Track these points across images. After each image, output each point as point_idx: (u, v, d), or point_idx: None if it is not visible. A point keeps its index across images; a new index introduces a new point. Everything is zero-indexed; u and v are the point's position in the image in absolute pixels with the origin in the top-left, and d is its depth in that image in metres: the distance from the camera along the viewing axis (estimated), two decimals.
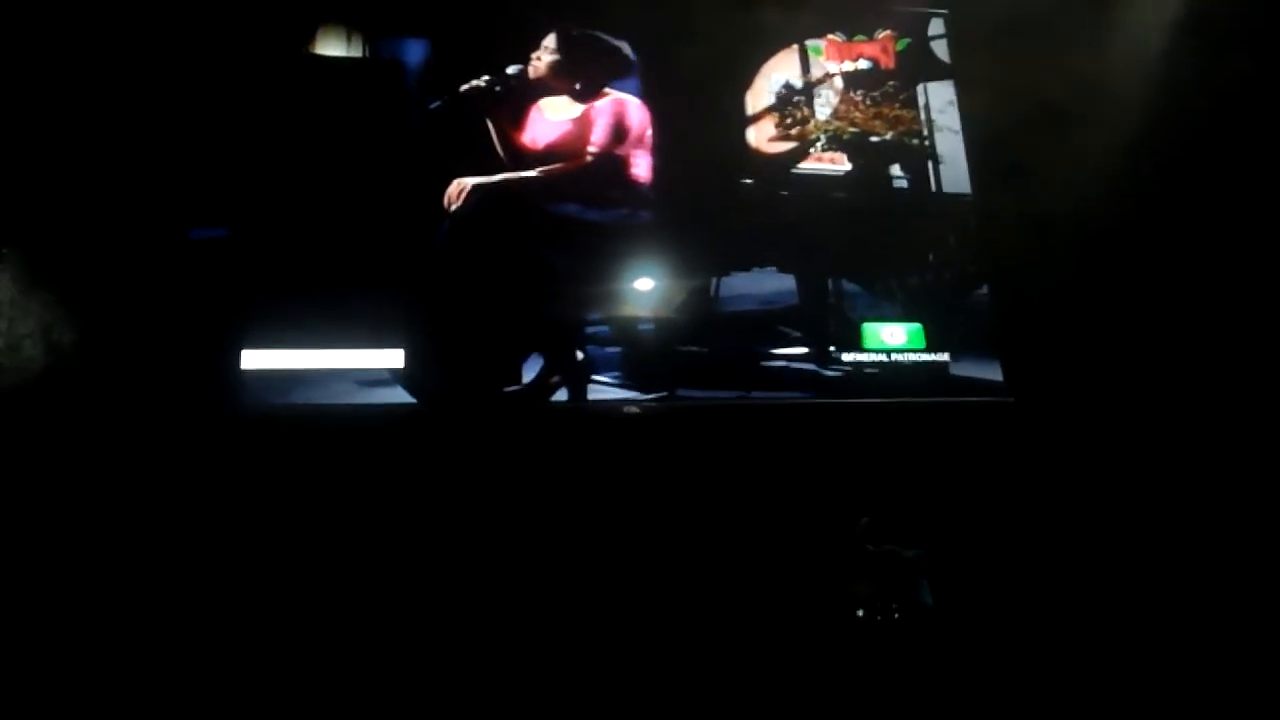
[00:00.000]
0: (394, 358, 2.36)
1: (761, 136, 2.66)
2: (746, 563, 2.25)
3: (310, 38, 2.52)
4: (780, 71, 2.71)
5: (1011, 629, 2.14)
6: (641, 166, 2.60)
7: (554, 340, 2.44)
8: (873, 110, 2.68)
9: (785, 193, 2.64)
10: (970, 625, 2.06)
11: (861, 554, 2.06)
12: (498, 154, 2.52)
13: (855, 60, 2.73)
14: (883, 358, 2.52)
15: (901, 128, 2.69)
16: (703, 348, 2.49)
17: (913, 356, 2.52)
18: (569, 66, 2.61)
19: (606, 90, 2.63)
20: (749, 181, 2.64)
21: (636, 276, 2.50)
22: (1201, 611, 2.21)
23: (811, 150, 2.66)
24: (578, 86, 2.61)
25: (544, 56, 2.60)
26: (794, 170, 2.65)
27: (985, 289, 2.61)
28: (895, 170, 2.68)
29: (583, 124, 2.60)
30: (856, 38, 2.74)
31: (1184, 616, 2.21)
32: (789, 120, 2.67)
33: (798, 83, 2.70)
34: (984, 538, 2.31)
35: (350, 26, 2.54)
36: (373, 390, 2.34)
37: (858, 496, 2.23)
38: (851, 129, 2.67)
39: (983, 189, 2.66)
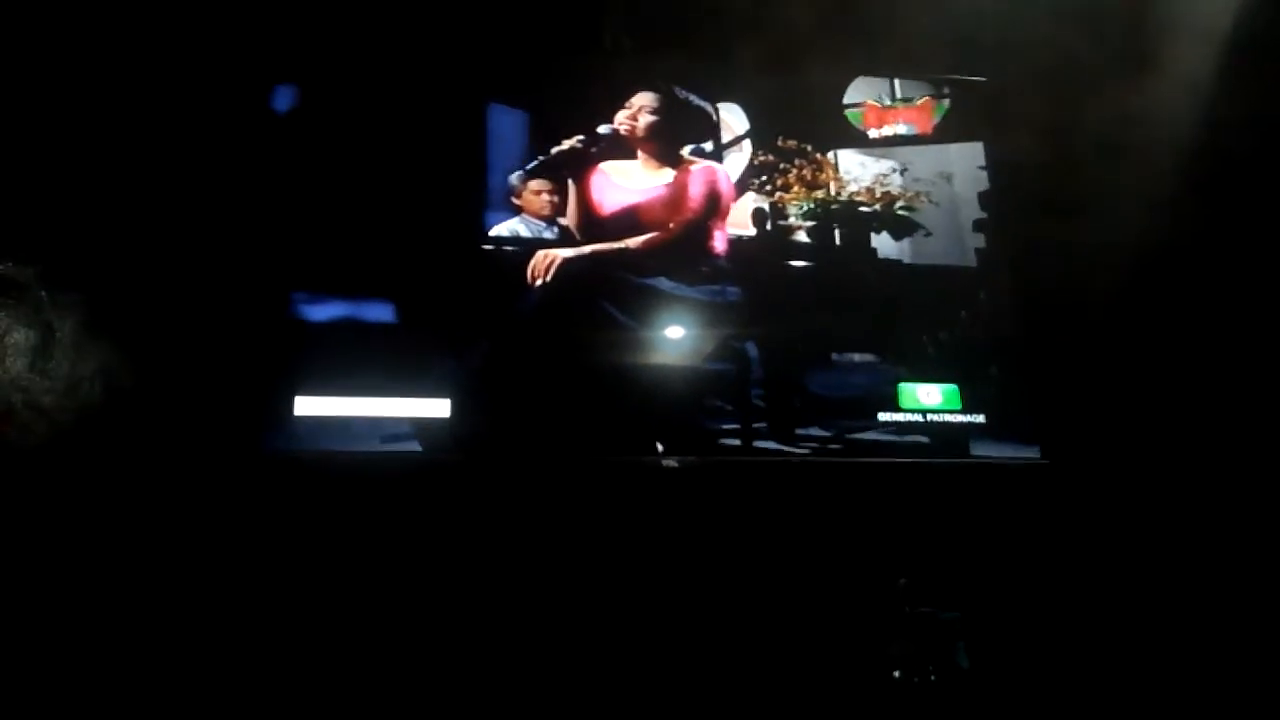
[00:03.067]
0: (443, 408, 2.37)
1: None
2: (786, 624, 2.27)
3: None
4: None
5: (1047, 692, 2.14)
6: (721, 239, 2.58)
7: None
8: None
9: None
10: (1006, 689, 2.07)
11: (898, 615, 2.08)
12: (573, 218, 2.52)
13: (895, 124, 2.77)
14: (919, 418, 2.53)
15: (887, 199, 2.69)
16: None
17: (949, 418, 2.53)
18: (666, 129, 2.60)
19: (693, 157, 2.62)
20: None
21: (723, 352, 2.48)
22: (1236, 677, 2.20)
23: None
24: (671, 151, 2.61)
25: (641, 117, 2.58)
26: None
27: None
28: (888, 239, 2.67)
29: (675, 192, 2.57)
30: (896, 103, 2.78)
31: (1218, 681, 2.21)
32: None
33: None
34: (1020, 601, 2.32)
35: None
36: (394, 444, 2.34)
37: (894, 558, 2.26)
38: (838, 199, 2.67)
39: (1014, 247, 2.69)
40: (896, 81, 2.77)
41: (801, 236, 2.65)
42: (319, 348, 2.38)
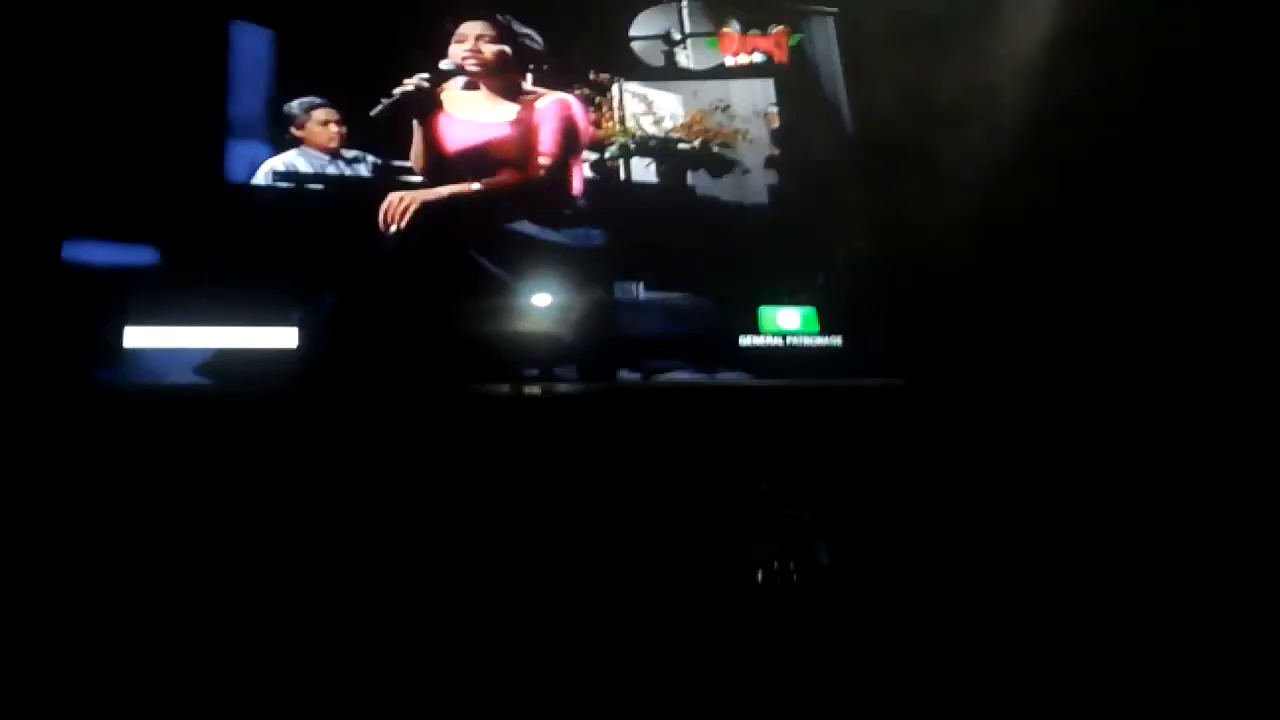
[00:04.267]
0: (287, 337, 2.25)
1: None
2: (655, 533, 2.26)
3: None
4: None
5: (905, 589, 2.20)
6: (578, 178, 2.50)
7: None
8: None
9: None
10: (865, 584, 2.11)
11: (760, 518, 2.10)
12: (417, 159, 2.40)
13: (751, 54, 2.78)
14: (779, 342, 2.55)
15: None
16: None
17: (808, 341, 2.56)
18: (508, 60, 2.49)
19: (538, 88, 2.52)
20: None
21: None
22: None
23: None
24: (515, 83, 2.50)
25: (482, 48, 2.46)
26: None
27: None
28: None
29: (526, 127, 2.47)
30: (751, 31, 2.79)
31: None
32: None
33: None
34: (876, 505, 2.37)
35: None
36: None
37: (756, 471, 2.28)
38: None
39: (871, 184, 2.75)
40: (684, 12, 2.73)
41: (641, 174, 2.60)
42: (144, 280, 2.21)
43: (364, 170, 2.38)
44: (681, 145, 2.62)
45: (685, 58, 2.70)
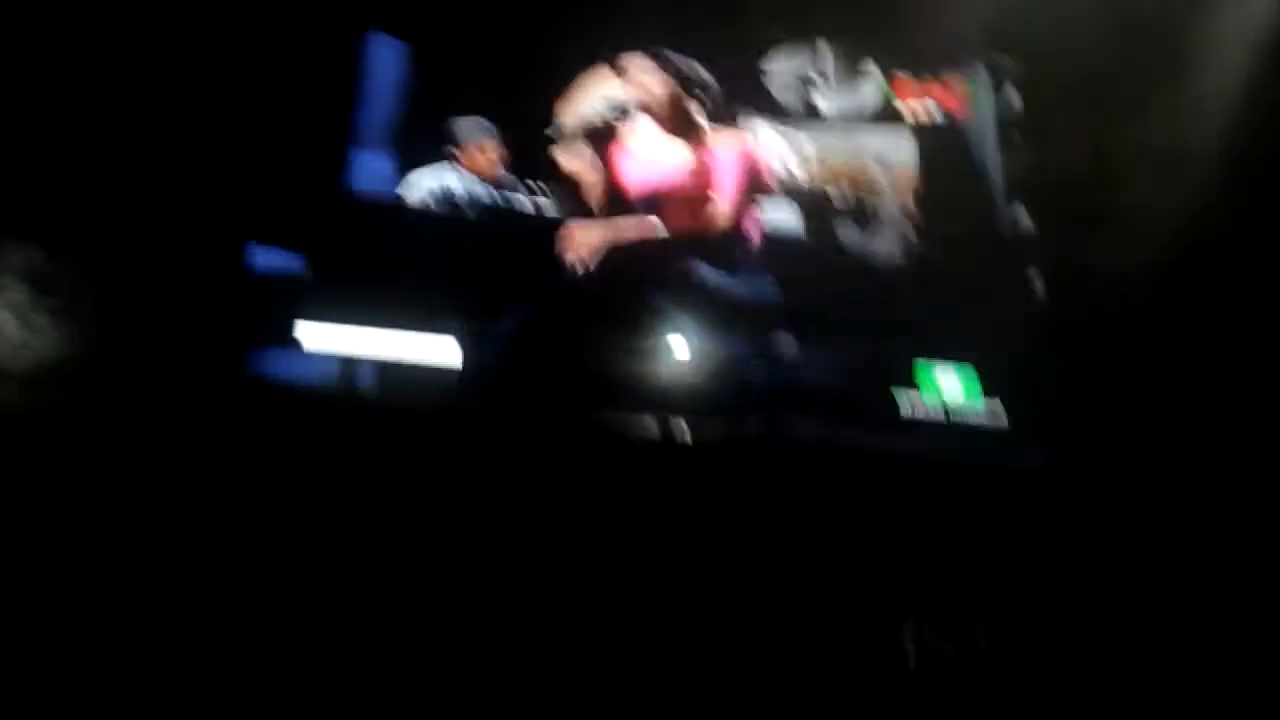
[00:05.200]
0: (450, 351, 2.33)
1: None
2: (802, 600, 2.19)
3: None
4: None
5: (1064, 678, 2.10)
6: (755, 224, 2.47)
7: None
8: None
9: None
10: (1023, 670, 2.02)
11: (914, 595, 2.04)
12: (595, 194, 2.43)
13: (924, 100, 2.70)
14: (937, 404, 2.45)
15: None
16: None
17: (966, 404, 2.45)
18: (681, 98, 2.46)
19: (715, 127, 2.48)
20: None
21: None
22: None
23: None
24: (691, 119, 2.47)
25: (653, 86, 2.44)
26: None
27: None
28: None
29: (702, 167, 2.44)
30: (925, 77, 2.71)
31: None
32: None
33: None
34: (1037, 586, 2.27)
35: None
36: None
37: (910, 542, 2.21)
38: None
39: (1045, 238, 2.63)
40: (824, 52, 2.63)
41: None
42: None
43: (521, 199, 2.40)
44: (830, 191, 2.55)
45: (822, 99, 2.63)
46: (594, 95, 2.45)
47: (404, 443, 2.24)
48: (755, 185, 2.48)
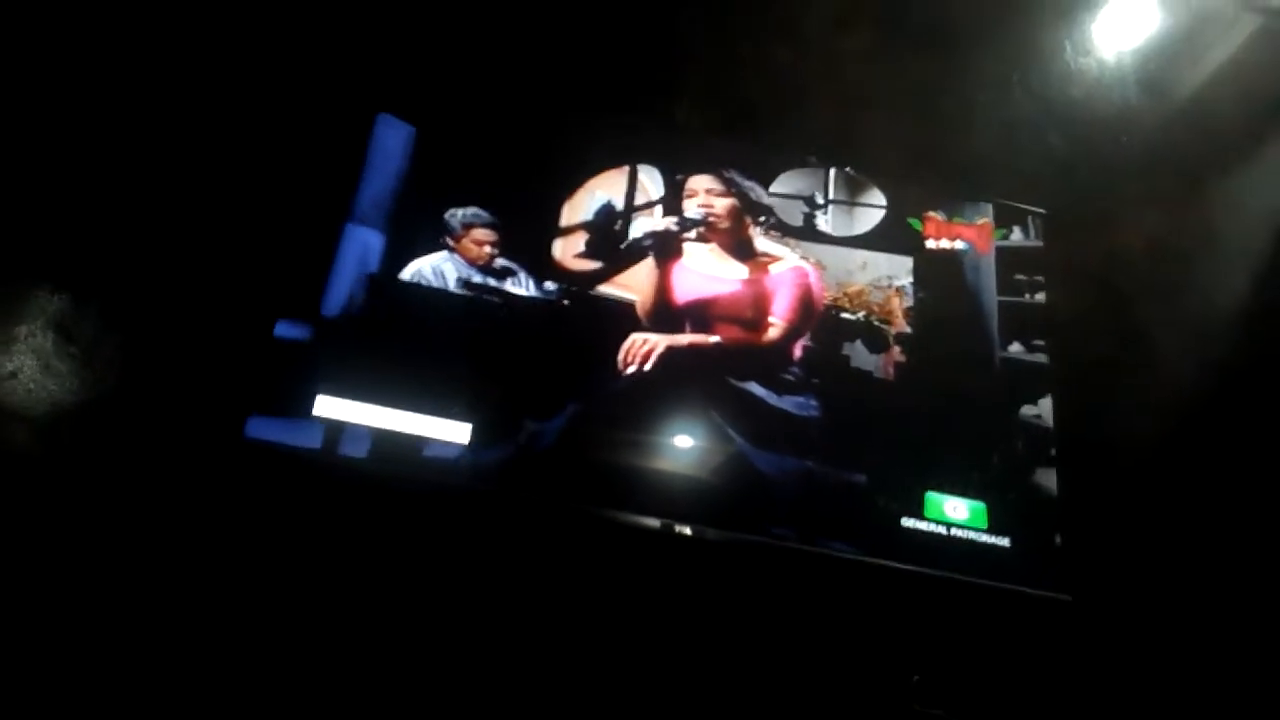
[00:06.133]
0: (463, 433, 2.30)
1: None
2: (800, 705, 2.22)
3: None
4: None
5: None
6: (800, 346, 2.51)
7: None
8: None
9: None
10: None
11: (911, 712, 2.04)
12: (645, 302, 2.45)
13: (953, 240, 2.79)
14: (943, 531, 2.50)
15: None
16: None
17: (973, 535, 2.50)
18: (740, 217, 2.55)
19: (773, 251, 2.57)
20: None
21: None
22: None
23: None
24: (745, 240, 2.55)
25: (715, 202, 2.54)
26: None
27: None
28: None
29: (758, 288, 2.50)
30: (955, 219, 2.81)
31: None
32: None
33: None
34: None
35: None
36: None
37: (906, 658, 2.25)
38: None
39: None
40: (830, 178, 2.72)
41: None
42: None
43: (516, 284, 2.45)
44: (845, 315, 2.60)
45: (825, 223, 2.70)
46: (599, 197, 2.53)
47: (402, 520, 2.29)
48: (808, 309, 2.52)
